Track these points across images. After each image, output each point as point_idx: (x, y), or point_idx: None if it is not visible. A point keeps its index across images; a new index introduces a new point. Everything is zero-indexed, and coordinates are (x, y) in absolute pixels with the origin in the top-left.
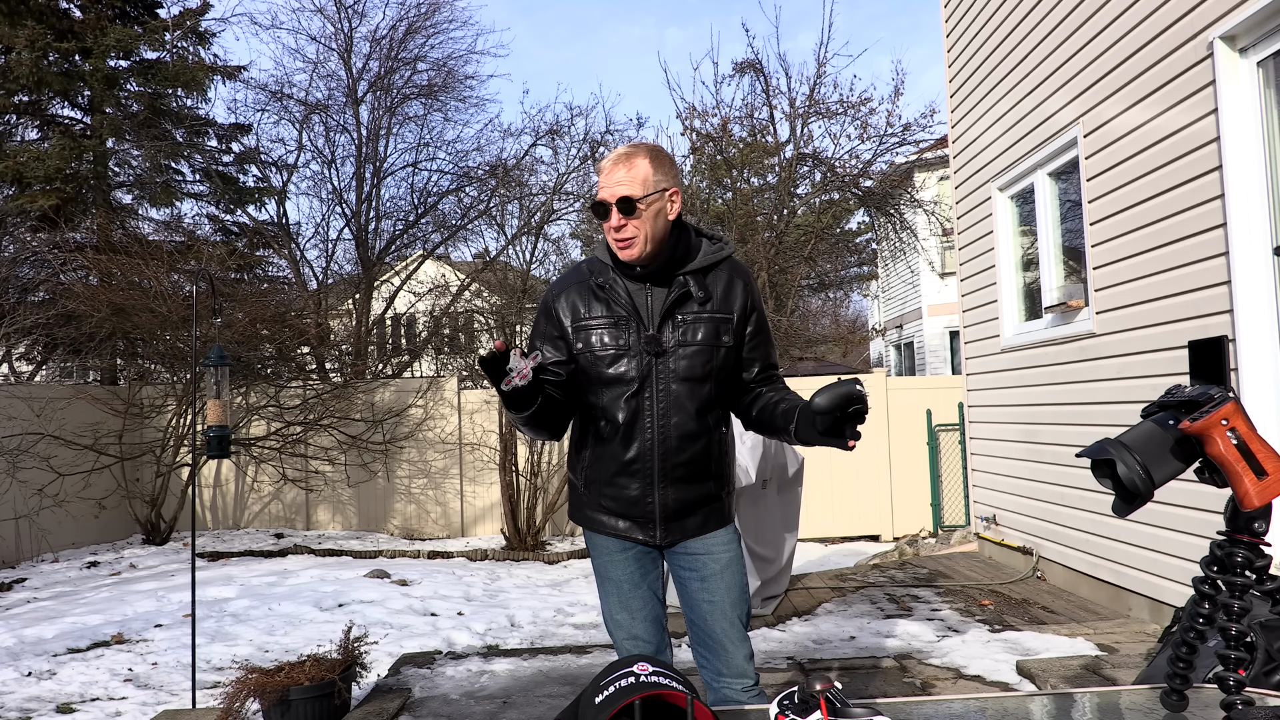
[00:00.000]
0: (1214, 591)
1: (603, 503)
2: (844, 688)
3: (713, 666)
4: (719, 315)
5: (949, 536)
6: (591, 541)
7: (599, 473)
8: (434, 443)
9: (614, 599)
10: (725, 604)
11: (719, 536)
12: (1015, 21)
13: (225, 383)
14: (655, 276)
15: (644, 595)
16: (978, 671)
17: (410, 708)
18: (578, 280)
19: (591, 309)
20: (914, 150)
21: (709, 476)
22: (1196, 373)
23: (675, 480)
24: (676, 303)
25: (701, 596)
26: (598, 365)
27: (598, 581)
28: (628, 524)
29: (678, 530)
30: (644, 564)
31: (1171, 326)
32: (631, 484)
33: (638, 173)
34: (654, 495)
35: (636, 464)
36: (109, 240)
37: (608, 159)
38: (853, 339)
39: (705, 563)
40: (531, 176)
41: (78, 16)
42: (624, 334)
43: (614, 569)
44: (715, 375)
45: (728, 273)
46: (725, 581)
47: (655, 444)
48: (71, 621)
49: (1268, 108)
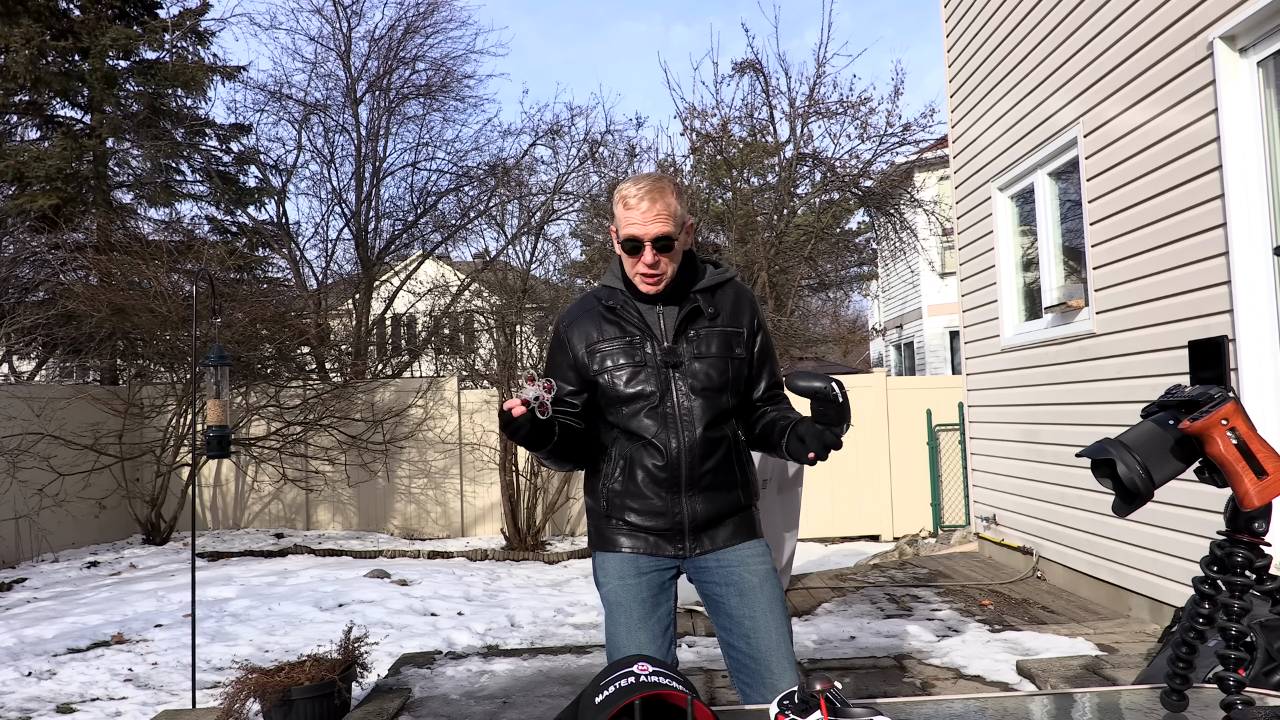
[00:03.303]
0: (1214, 591)
1: (628, 519)
2: (844, 688)
3: (758, 696)
4: (730, 329)
5: (949, 536)
6: (605, 565)
7: (625, 487)
8: (434, 443)
9: (622, 627)
10: (768, 622)
11: (752, 548)
12: (1015, 21)
13: (225, 383)
14: (665, 297)
15: (654, 629)
16: (978, 671)
17: (410, 708)
18: (586, 309)
19: (604, 331)
20: (914, 150)
21: (735, 485)
22: (1196, 373)
23: (703, 489)
24: (689, 319)
25: (742, 613)
26: (616, 384)
27: (605, 610)
28: (655, 539)
29: (708, 540)
30: (657, 593)
31: (1171, 326)
32: (659, 494)
33: (670, 209)
34: (682, 505)
35: (663, 473)
36: (109, 240)
37: (633, 192)
38: (853, 339)
39: (741, 575)
40: (531, 176)
41: (77, 16)
42: (639, 351)
43: (624, 593)
44: (731, 385)
45: (733, 292)
46: (766, 595)
47: (682, 453)
48: (71, 621)
49: (1268, 108)
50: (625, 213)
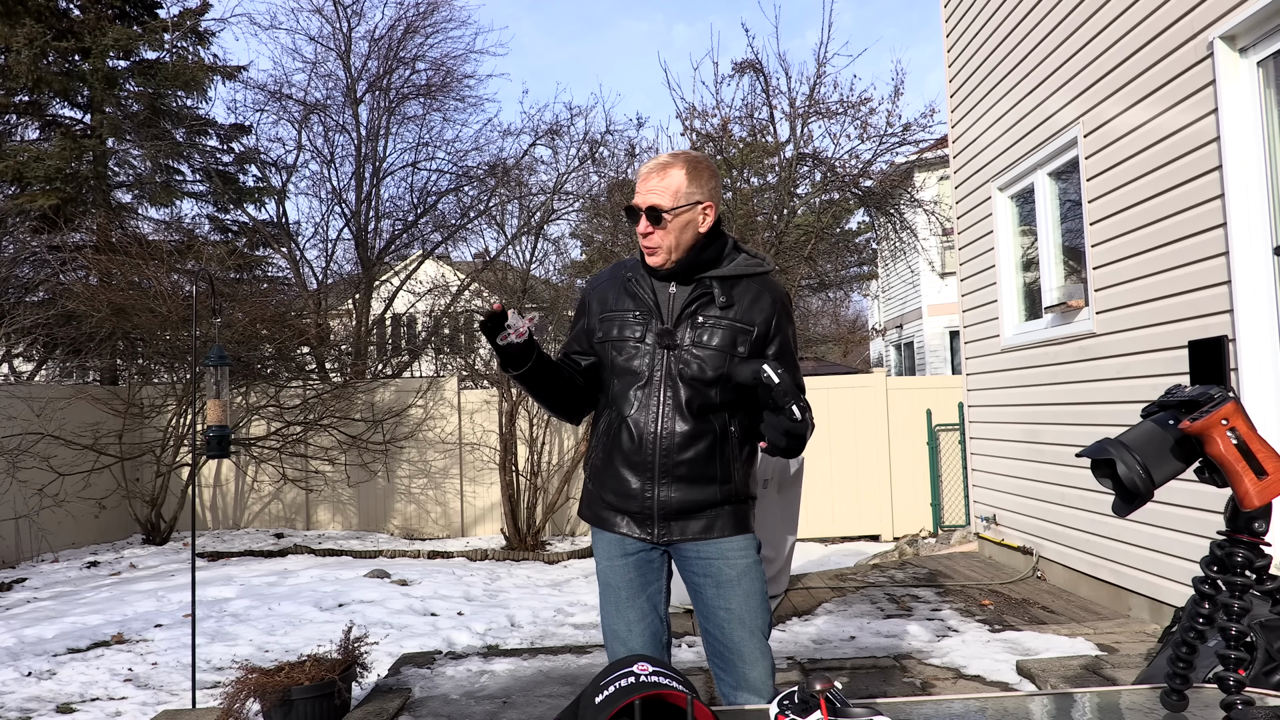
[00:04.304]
0: (1214, 591)
1: (605, 497)
2: (844, 688)
3: (730, 680)
4: (739, 324)
5: (949, 536)
6: (597, 543)
7: (604, 463)
8: (434, 443)
9: (612, 607)
10: (743, 612)
11: (735, 542)
12: (1015, 21)
13: (225, 383)
14: (681, 276)
15: (642, 607)
16: (978, 671)
17: (410, 708)
18: (613, 275)
19: (620, 302)
20: (914, 150)
21: (715, 480)
22: (1196, 373)
23: (677, 479)
24: (697, 303)
25: (717, 604)
26: (614, 354)
27: (599, 589)
28: (627, 520)
29: (678, 530)
30: (645, 573)
31: (1171, 326)
32: (632, 477)
33: (670, 183)
34: (653, 490)
35: (638, 456)
36: (109, 240)
37: (647, 164)
38: (853, 339)
39: (720, 568)
40: (531, 176)
41: (77, 16)
42: (640, 326)
43: (613, 574)
44: (724, 382)
45: (758, 287)
46: (743, 589)
47: (657, 439)
48: (71, 621)
49: (1268, 108)
50: (637, 183)
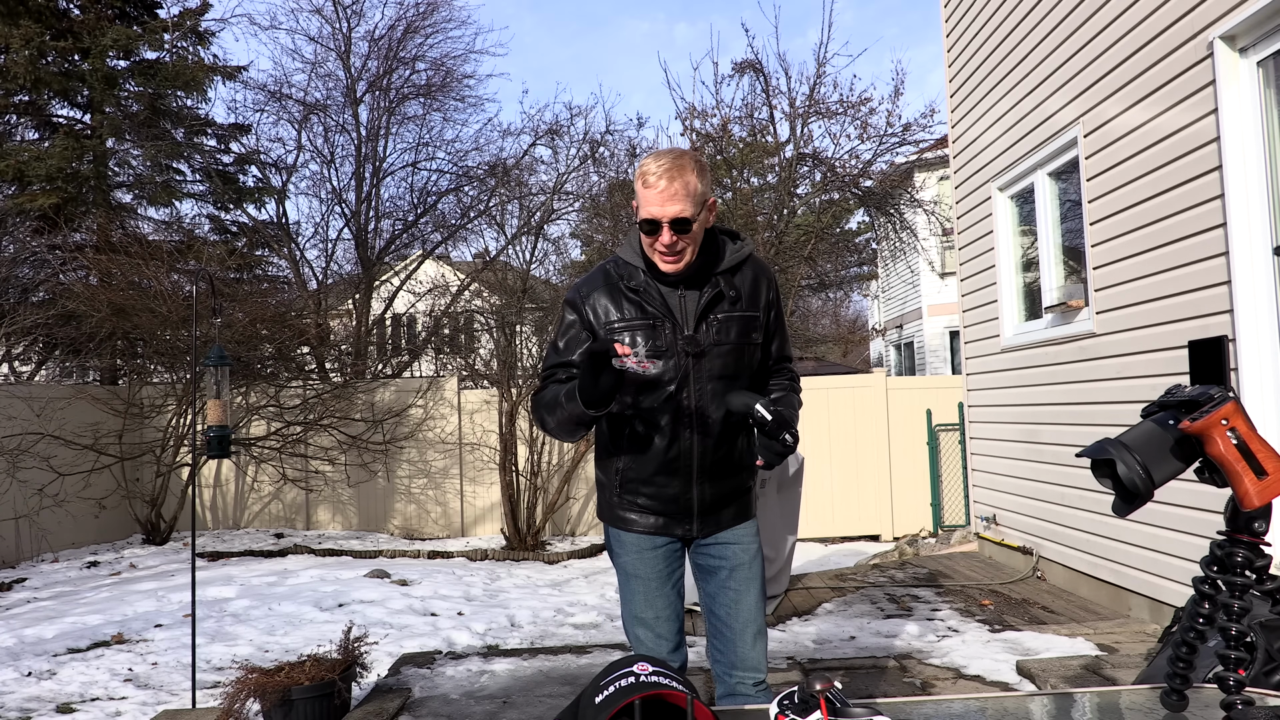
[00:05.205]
0: (1214, 591)
1: (639, 501)
2: (844, 688)
3: (727, 659)
4: (748, 314)
5: (949, 536)
6: (618, 540)
7: (638, 472)
8: (434, 443)
9: (639, 596)
10: (751, 594)
11: (747, 528)
12: (1015, 21)
13: (225, 383)
14: (686, 279)
15: (669, 594)
16: (978, 671)
17: (410, 708)
18: (605, 283)
19: (623, 311)
20: (914, 150)
21: (741, 468)
22: (1196, 373)
23: (713, 477)
24: (711, 303)
25: (730, 584)
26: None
27: (621, 579)
28: (664, 520)
29: (713, 523)
30: (671, 562)
31: (1171, 326)
32: (672, 481)
33: (689, 188)
34: (693, 491)
35: (677, 462)
36: (109, 240)
37: (652, 169)
38: (853, 339)
39: (736, 552)
40: (531, 176)
41: (76, 16)
42: (660, 335)
43: (642, 566)
44: (747, 372)
45: (752, 270)
46: (753, 571)
47: (695, 442)
48: (71, 621)
49: (1268, 108)
50: (644, 191)
